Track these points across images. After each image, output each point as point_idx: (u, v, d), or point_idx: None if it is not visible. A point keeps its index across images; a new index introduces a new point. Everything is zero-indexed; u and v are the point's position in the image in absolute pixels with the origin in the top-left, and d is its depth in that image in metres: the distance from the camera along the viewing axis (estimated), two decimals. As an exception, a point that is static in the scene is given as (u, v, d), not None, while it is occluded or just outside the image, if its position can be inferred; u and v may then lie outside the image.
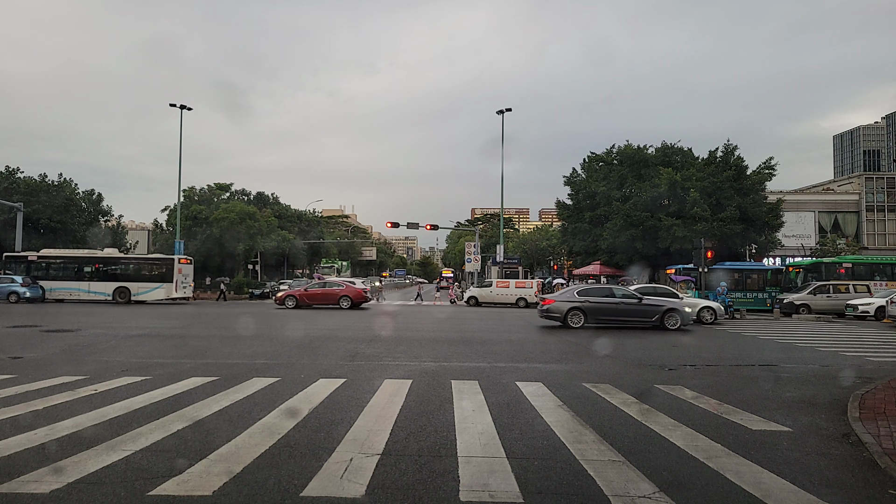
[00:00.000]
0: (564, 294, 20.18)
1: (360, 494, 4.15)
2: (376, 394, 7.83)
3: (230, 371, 9.58)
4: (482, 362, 11.10)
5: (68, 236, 45.83)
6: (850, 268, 31.88)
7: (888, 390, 8.12)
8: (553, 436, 5.85)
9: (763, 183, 41.07)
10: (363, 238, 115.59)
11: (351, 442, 5.48)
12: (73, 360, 10.72)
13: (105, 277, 33.28)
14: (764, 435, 6.04)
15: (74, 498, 4.06)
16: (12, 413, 6.50)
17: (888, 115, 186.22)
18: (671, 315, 18.83)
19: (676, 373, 10.27)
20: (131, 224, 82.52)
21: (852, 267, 32.03)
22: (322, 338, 15.28)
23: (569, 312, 18.98)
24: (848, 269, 31.59)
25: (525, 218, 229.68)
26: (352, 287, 30.66)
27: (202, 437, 5.65)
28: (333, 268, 76.83)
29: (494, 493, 4.21)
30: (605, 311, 19.11)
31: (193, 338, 15.15)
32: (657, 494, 4.24)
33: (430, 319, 23.50)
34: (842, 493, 4.45)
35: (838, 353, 13.48)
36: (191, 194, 61.28)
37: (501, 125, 45.25)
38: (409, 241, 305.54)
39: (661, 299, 19.66)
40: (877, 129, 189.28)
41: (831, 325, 22.57)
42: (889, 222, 51.34)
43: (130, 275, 33.68)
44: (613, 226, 40.93)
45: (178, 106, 42.52)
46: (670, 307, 18.96)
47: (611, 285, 23.59)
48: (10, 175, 47.79)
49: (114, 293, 32.83)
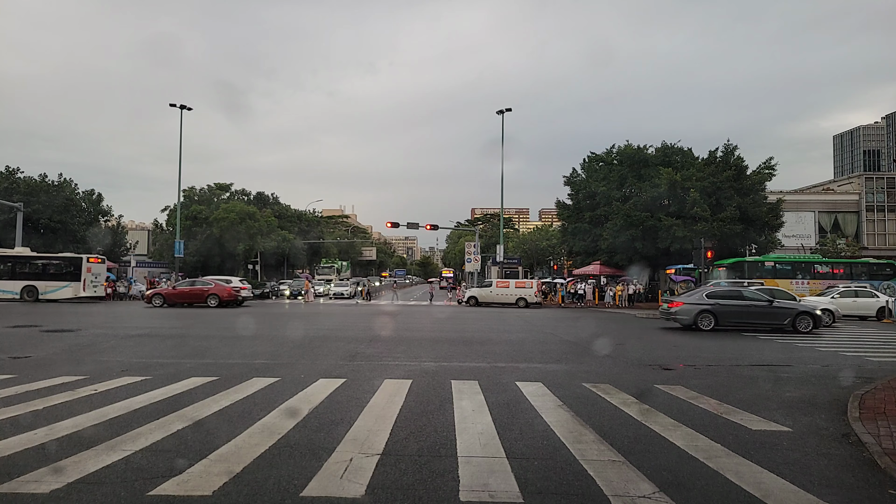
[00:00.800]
0: (693, 296, 19.93)
1: (360, 494, 4.15)
2: (376, 394, 7.83)
3: (230, 371, 9.58)
4: (482, 362, 11.10)
5: (68, 236, 45.81)
6: (773, 266, 32.10)
7: (888, 390, 8.13)
8: (553, 436, 5.85)
9: (763, 183, 41.05)
10: (363, 238, 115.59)
11: (351, 442, 5.48)
12: (73, 360, 10.72)
13: (13, 276, 33.62)
14: (764, 435, 6.04)
15: (74, 498, 4.06)
16: (12, 413, 6.50)
17: (888, 115, 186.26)
18: (803, 318, 18.51)
19: (676, 373, 10.27)
20: (131, 224, 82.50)
21: (774, 266, 32.25)
22: (322, 338, 15.29)
23: (699, 315, 18.76)
24: (770, 268, 31.67)
25: (525, 218, 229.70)
26: (221, 285, 31.43)
27: (202, 437, 5.65)
28: (333, 268, 76.77)
29: (494, 493, 4.21)
30: (736, 314, 18.85)
31: (193, 338, 15.14)
32: (657, 494, 4.24)
33: (429, 319, 23.50)
34: (842, 493, 4.45)
35: (838, 353, 13.48)
36: (191, 194, 61.27)
37: (501, 125, 45.32)
38: (409, 241, 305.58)
39: (790, 302, 19.50)
40: (877, 129, 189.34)
41: (831, 325, 22.55)
42: (889, 222, 51.30)
43: (39, 273, 34.06)
44: (613, 226, 40.92)
45: (178, 106, 42.54)
46: (803, 310, 18.75)
47: (739, 287, 22.54)
48: (10, 175, 47.76)
49: (21, 292, 33.12)
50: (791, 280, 30.53)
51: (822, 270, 31.55)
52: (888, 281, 30.58)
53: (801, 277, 30.90)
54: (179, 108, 42.50)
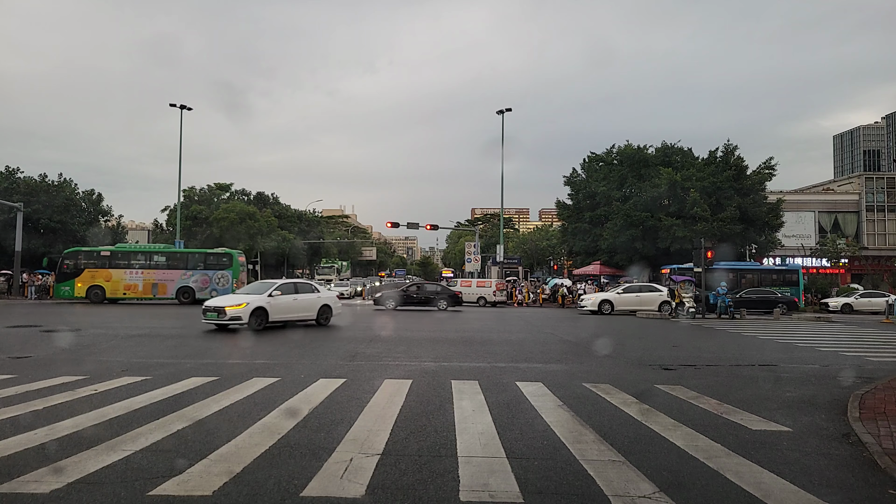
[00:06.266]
0: None
1: (360, 494, 4.15)
2: (376, 394, 7.83)
3: (230, 371, 9.58)
4: (482, 362, 11.10)
5: (68, 236, 45.78)
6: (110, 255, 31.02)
7: (888, 390, 8.13)
8: (553, 436, 5.85)
9: (763, 183, 41.06)
10: (363, 238, 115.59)
11: (351, 442, 5.48)
12: (73, 360, 10.72)
13: None
14: (764, 435, 6.04)
15: (74, 498, 4.06)
16: (12, 413, 6.50)
17: (888, 115, 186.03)
18: None
19: (676, 373, 10.27)
20: (131, 224, 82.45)
21: (111, 255, 31.18)
22: (322, 338, 15.29)
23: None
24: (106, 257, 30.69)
25: (525, 218, 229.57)
26: None
27: (202, 437, 5.65)
28: (333, 268, 76.73)
29: (494, 493, 4.21)
30: None
31: (193, 338, 15.13)
32: (657, 494, 4.24)
33: (429, 319, 23.49)
34: (842, 493, 4.45)
35: (838, 353, 13.49)
36: (191, 194, 61.32)
37: (501, 125, 45.26)
38: (409, 241, 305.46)
39: None
40: (877, 129, 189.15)
41: (831, 325, 22.59)
42: (889, 222, 51.26)
43: None
44: (613, 226, 40.93)
45: (177, 106, 42.54)
46: None
47: None
48: (10, 175, 47.78)
49: None
50: (126, 270, 30.38)
51: (160, 261, 31.29)
52: (223, 271, 30.98)
53: (137, 267, 30.70)
54: (179, 107, 42.50)
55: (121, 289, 30.47)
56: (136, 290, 30.63)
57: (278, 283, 17.59)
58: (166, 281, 30.87)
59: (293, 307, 17.18)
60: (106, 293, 30.25)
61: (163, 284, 30.79)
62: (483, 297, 35.16)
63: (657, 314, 27.43)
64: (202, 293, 29.69)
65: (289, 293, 17.22)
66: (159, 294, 30.73)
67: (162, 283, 30.80)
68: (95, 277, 30.43)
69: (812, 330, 20.23)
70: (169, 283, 30.83)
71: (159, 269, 31.13)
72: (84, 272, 30.57)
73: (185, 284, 30.79)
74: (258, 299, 16.19)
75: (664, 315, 26.74)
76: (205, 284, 30.74)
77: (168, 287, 30.81)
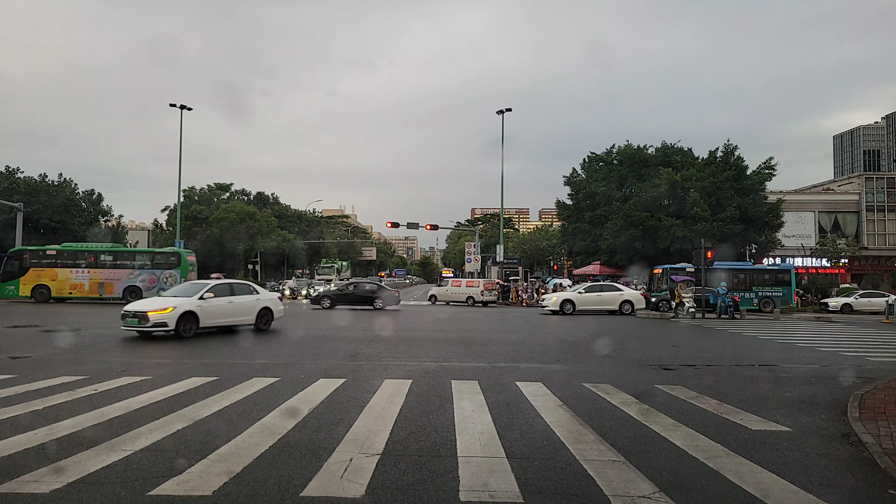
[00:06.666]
0: None
1: (360, 494, 4.15)
2: (376, 394, 7.83)
3: (230, 371, 9.58)
4: (482, 362, 11.10)
5: (68, 236, 45.78)
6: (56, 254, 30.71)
7: (888, 390, 8.13)
8: (553, 436, 5.85)
9: (763, 183, 41.07)
10: (363, 238, 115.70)
11: (351, 442, 5.48)
12: (73, 360, 10.72)
13: None
14: (764, 435, 6.04)
15: (74, 498, 4.06)
16: (12, 413, 6.50)
17: (888, 115, 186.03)
18: None
19: (676, 373, 10.27)
20: (131, 224, 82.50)
21: (57, 254, 30.82)
22: (322, 338, 15.29)
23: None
24: (53, 256, 30.50)
25: (525, 218, 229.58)
26: None
27: (202, 437, 5.65)
28: (333, 268, 76.75)
29: (494, 493, 4.21)
30: None
31: (193, 337, 15.13)
32: (657, 494, 4.23)
33: (429, 319, 23.50)
34: (842, 493, 4.45)
35: (838, 353, 13.48)
36: (191, 194, 61.34)
37: (501, 125, 45.25)
38: (409, 241, 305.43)
39: None
40: (877, 129, 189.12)
41: (831, 325, 22.59)
42: (889, 222, 51.26)
43: None
44: (613, 226, 40.94)
45: (177, 106, 42.53)
46: None
47: None
48: (10, 175, 47.79)
49: None
50: (72, 269, 30.35)
51: (106, 260, 31.21)
52: (171, 270, 31.02)
53: (84, 266, 30.62)
54: (179, 107, 42.49)
55: (67, 288, 30.27)
56: (83, 290, 30.38)
57: (210, 283, 15.88)
58: (113, 280, 30.67)
59: (229, 311, 15.47)
60: (51, 292, 30.00)
61: (109, 284, 30.58)
62: (472, 297, 35.93)
63: (657, 314, 27.44)
64: (150, 293, 29.26)
65: (224, 295, 15.48)
66: (106, 293, 30.49)
67: (108, 283, 30.60)
68: (41, 277, 30.20)
69: (812, 330, 20.22)
70: (116, 283, 30.62)
71: (106, 269, 30.92)
72: (29, 271, 30.33)
73: (132, 284, 30.54)
74: (187, 302, 14.44)
75: (664, 315, 26.75)
76: (152, 284, 30.46)
77: (115, 286, 30.57)
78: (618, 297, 27.40)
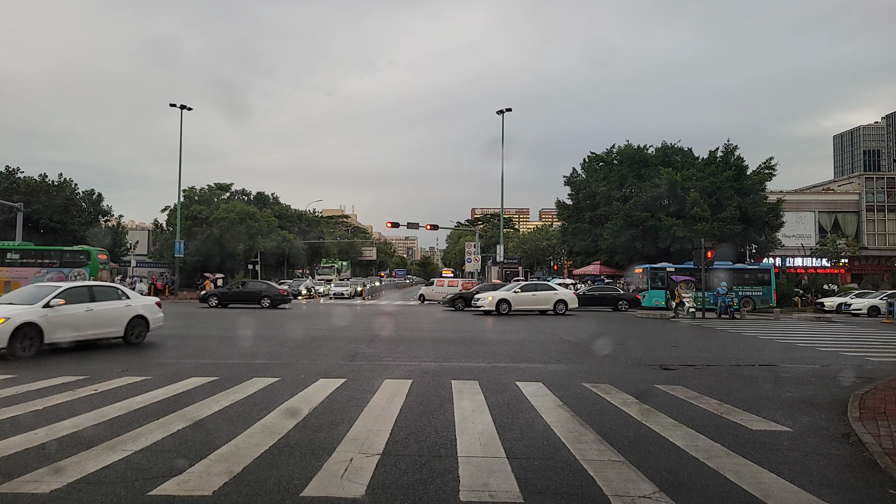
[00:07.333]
0: None
1: (360, 494, 4.15)
2: (376, 394, 7.83)
3: (230, 371, 9.58)
4: (482, 362, 11.10)
5: (68, 236, 45.76)
6: None
7: (888, 390, 8.13)
8: (553, 436, 5.84)
9: (763, 183, 41.07)
10: (363, 238, 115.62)
11: (351, 442, 5.48)
12: (73, 360, 10.72)
13: None
14: (764, 435, 6.04)
15: (74, 498, 4.06)
16: (12, 413, 6.50)
17: (888, 115, 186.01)
18: None
19: (676, 373, 10.26)
20: (131, 224, 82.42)
21: None
22: (322, 338, 15.29)
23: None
24: None
25: (525, 218, 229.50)
26: None
27: (202, 437, 5.65)
28: (333, 268, 76.72)
29: (494, 493, 4.21)
30: None
31: (193, 338, 15.14)
32: (657, 494, 4.23)
33: (429, 319, 23.49)
34: (842, 493, 4.45)
35: (838, 353, 13.48)
36: (191, 194, 61.23)
37: (501, 125, 45.30)
38: (409, 241, 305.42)
39: None
40: (877, 129, 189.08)
41: (831, 325, 22.59)
42: (889, 222, 51.26)
43: None
44: (613, 226, 40.94)
45: (177, 106, 42.54)
46: None
47: None
48: (10, 175, 47.72)
49: None
50: None
51: (14, 258, 30.98)
52: (80, 269, 30.62)
53: None
54: (179, 107, 42.50)
55: None
56: None
57: (62, 287, 12.29)
58: (20, 278, 30.04)
59: (86, 321, 12.08)
60: None
61: (16, 282, 29.73)
62: None
63: (656, 313, 27.44)
64: None
65: (80, 301, 12.09)
66: None
67: (15, 281, 29.88)
68: None
69: (812, 330, 20.22)
70: (22, 281, 29.68)
71: (13, 267, 30.65)
72: None
73: None
74: (26, 311, 11.06)
75: (664, 314, 26.75)
76: (60, 282, 30.34)
77: (21, 285, 30.46)
78: (552, 297, 27.01)
